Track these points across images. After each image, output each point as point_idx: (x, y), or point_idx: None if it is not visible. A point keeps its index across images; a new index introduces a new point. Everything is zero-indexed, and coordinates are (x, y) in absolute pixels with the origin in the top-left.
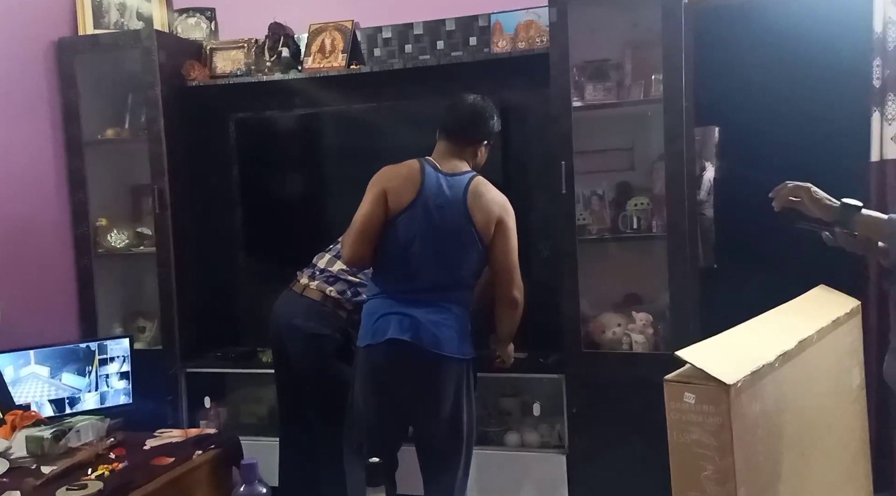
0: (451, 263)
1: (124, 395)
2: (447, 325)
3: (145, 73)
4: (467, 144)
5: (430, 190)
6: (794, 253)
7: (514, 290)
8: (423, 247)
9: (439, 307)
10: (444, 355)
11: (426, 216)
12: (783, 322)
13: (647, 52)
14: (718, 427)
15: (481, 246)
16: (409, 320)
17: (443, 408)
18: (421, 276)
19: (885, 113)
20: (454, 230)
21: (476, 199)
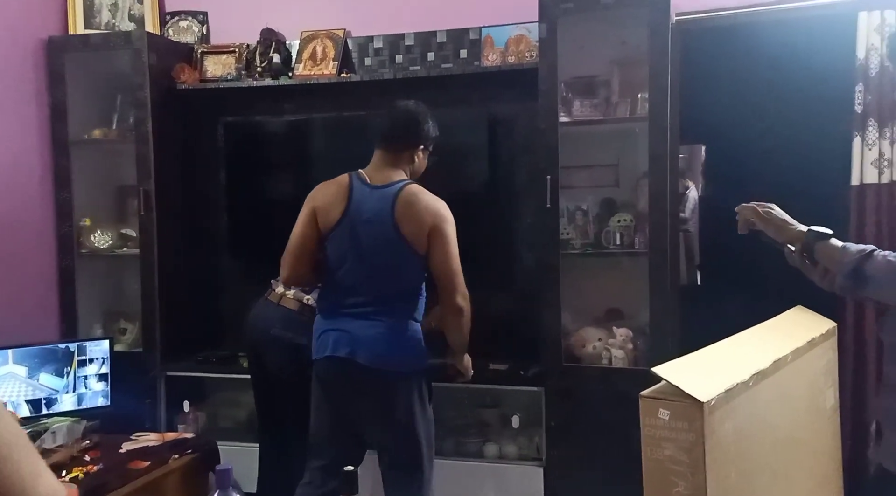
0: (386, 277)
1: (102, 397)
2: (386, 340)
3: (135, 75)
4: (401, 150)
5: (357, 205)
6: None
7: (456, 298)
8: (356, 263)
9: (378, 322)
10: (383, 370)
11: (354, 232)
12: (759, 341)
13: (635, 70)
14: (691, 444)
15: (417, 256)
16: (346, 336)
17: (393, 421)
18: (358, 292)
19: (865, 138)
20: (384, 244)
21: (405, 210)
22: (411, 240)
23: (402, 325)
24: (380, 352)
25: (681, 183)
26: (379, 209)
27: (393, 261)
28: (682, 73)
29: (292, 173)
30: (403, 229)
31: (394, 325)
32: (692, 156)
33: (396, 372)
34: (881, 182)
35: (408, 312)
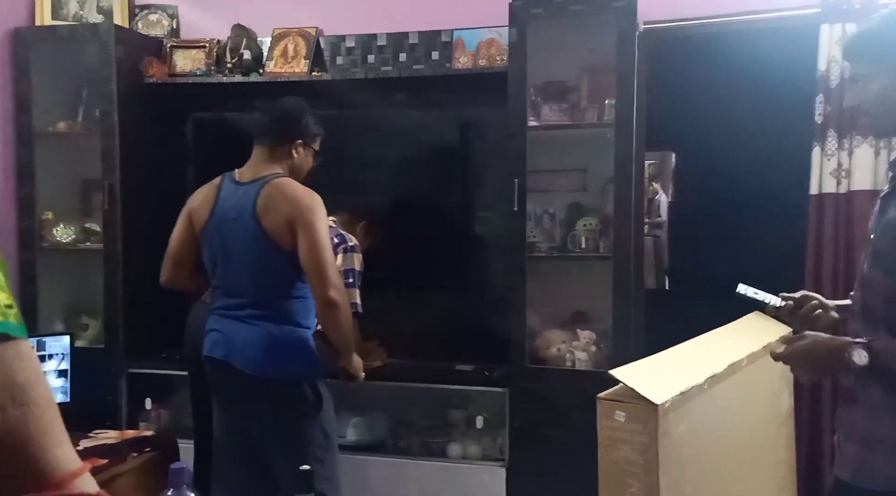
0: (255, 277)
1: (62, 394)
2: (262, 345)
3: (102, 68)
4: (277, 144)
5: (224, 203)
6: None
7: (328, 291)
8: (225, 264)
9: (254, 325)
10: (256, 376)
11: (221, 232)
12: (716, 345)
13: (603, 77)
14: (646, 445)
15: (284, 253)
16: (223, 338)
17: (272, 431)
18: (231, 293)
19: (825, 148)
20: (249, 241)
21: (266, 203)
22: (274, 235)
23: (280, 329)
24: (254, 357)
25: (650, 189)
26: (242, 205)
27: (259, 259)
28: (650, 81)
29: None
30: (265, 223)
31: (271, 329)
32: (662, 162)
33: (275, 379)
34: (839, 192)
35: (286, 315)
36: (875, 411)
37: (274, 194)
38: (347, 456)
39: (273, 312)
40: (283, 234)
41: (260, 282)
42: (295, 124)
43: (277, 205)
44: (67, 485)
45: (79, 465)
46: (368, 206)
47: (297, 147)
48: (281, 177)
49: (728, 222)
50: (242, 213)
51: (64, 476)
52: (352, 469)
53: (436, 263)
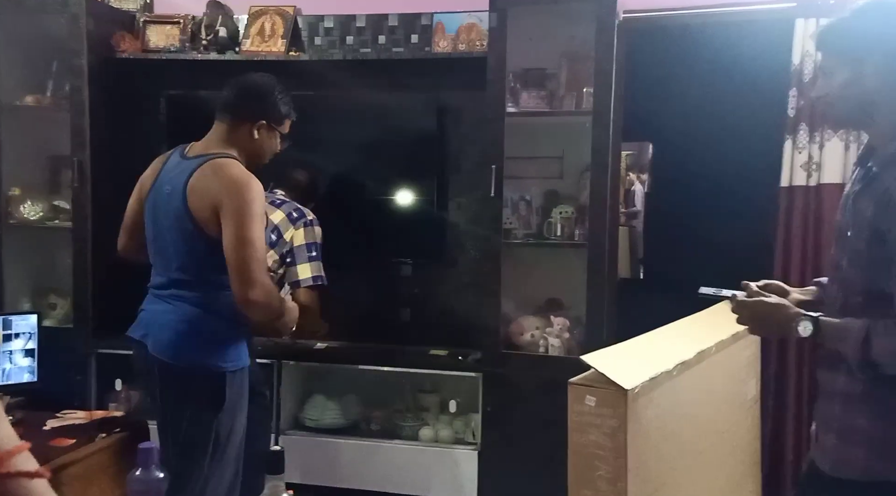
0: (179, 257)
1: (28, 373)
2: (171, 327)
3: (71, 40)
4: (237, 122)
5: (164, 176)
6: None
7: (246, 291)
8: (155, 238)
9: (173, 306)
10: (166, 362)
11: (155, 205)
12: (686, 333)
13: (582, 65)
14: (614, 429)
15: (208, 239)
16: (145, 317)
17: (172, 421)
18: (158, 271)
19: (796, 141)
20: (174, 220)
21: (196, 183)
22: (200, 220)
23: (199, 314)
24: (163, 340)
25: (627, 179)
26: (176, 182)
27: (184, 242)
28: (629, 71)
29: None
30: (191, 205)
31: (189, 313)
32: (640, 152)
33: (179, 367)
34: (809, 185)
35: (212, 303)
36: (852, 403)
37: (207, 175)
38: (320, 438)
39: (197, 296)
40: (209, 219)
41: (183, 264)
42: (260, 103)
43: (207, 187)
44: (5, 463)
45: (16, 444)
46: (314, 184)
47: (259, 127)
48: (225, 157)
49: (702, 213)
50: (174, 189)
51: (1, 454)
52: (324, 451)
53: (411, 248)
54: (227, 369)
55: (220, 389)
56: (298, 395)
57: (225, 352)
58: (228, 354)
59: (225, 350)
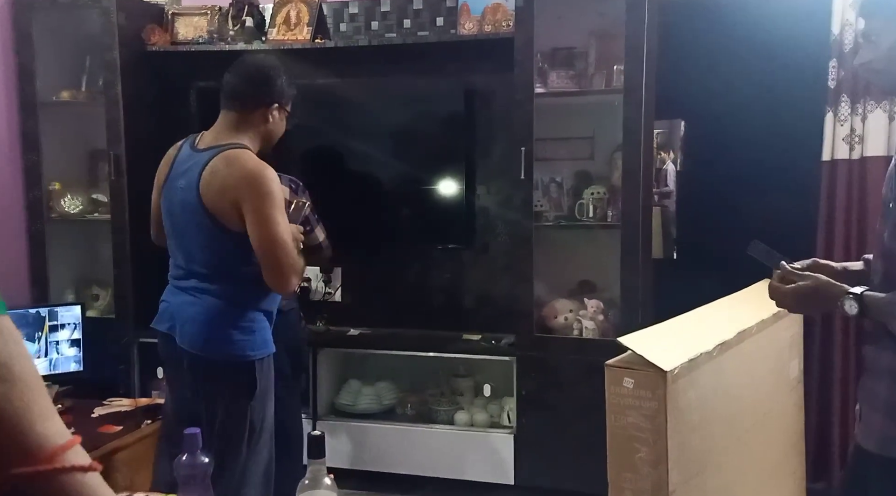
0: (199, 251)
1: (75, 363)
2: (198, 320)
3: (104, 35)
4: (246, 109)
5: (176, 170)
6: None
7: (284, 283)
8: (173, 232)
9: (197, 299)
10: (191, 352)
11: (171, 201)
12: (725, 313)
13: (612, 43)
14: (654, 411)
15: (228, 232)
16: (168, 310)
17: (208, 412)
18: (179, 263)
19: (837, 114)
20: (191, 216)
21: (210, 178)
22: (218, 213)
23: (225, 306)
24: (191, 333)
25: (659, 157)
26: (190, 176)
27: (203, 236)
28: (661, 47)
29: None
30: (206, 200)
31: (215, 305)
32: (671, 130)
33: (209, 358)
34: (852, 158)
35: (236, 295)
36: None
37: (219, 168)
38: (356, 423)
39: (220, 288)
40: (228, 214)
41: (205, 257)
42: (270, 87)
43: (223, 182)
44: (58, 458)
45: (68, 438)
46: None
47: (272, 111)
48: (236, 148)
49: (738, 191)
50: (189, 184)
51: (55, 449)
52: (360, 436)
53: (443, 233)
54: (255, 357)
55: (251, 378)
56: (334, 381)
57: (252, 340)
58: (256, 343)
59: (252, 339)
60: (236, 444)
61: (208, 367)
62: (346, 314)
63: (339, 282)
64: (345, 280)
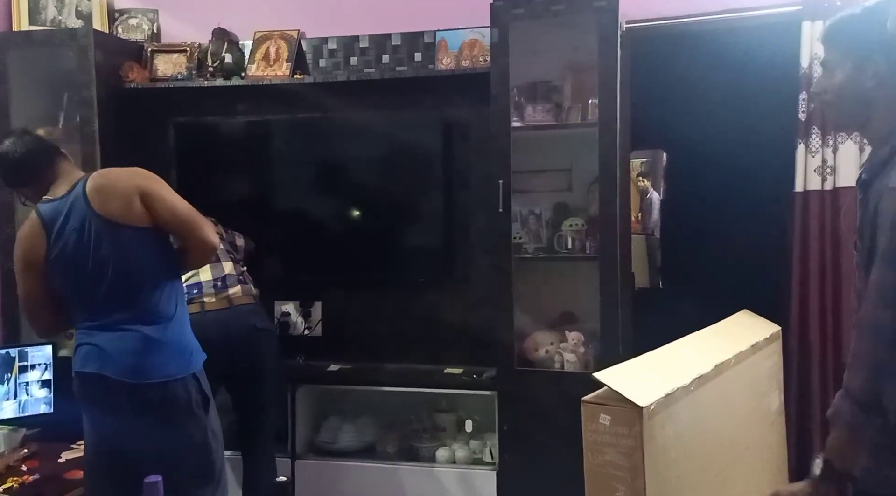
0: (117, 275)
1: (45, 404)
2: (135, 350)
3: (80, 73)
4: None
5: (55, 224)
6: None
7: (207, 234)
8: (83, 278)
9: (127, 331)
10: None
11: (66, 250)
12: (703, 345)
13: (587, 77)
14: (631, 449)
15: (144, 229)
16: (95, 350)
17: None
18: (97, 305)
19: (809, 145)
20: (103, 238)
21: (99, 194)
22: (124, 219)
23: (153, 329)
24: (132, 364)
25: (642, 188)
26: (76, 215)
27: (120, 252)
28: (636, 80)
29: (245, 175)
30: (109, 214)
31: (145, 330)
32: (654, 160)
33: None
34: (824, 189)
35: (154, 311)
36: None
37: (104, 183)
38: (336, 462)
39: (141, 312)
40: (133, 211)
41: (123, 280)
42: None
43: (114, 188)
44: None
45: None
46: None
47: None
48: (91, 173)
49: (719, 220)
50: (81, 217)
51: None
52: (341, 475)
53: (422, 266)
54: (197, 370)
55: (201, 390)
56: (314, 419)
57: (189, 349)
58: (190, 350)
59: (188, 349)
60: (212, 460)
61: (156, 393)
62: (325, 349)
63: (318, 317)
64: (324, 314)
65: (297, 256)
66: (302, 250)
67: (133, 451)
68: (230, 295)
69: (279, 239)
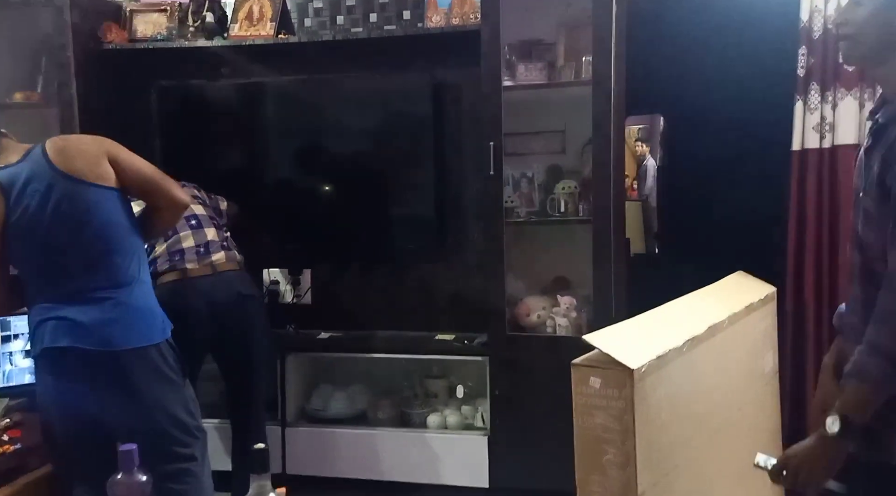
0: (84, 237)
1: (29, 374)
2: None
3: (56, 34)
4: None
5: (14, 188)
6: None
7: (175, 192)
8: (49, 244)
9: (99, 299)
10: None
11: (28, 215)
12: (696, 307)
13: (580, 34)
14: (621, 411)
15: (110, 192)
16: (65, 324)
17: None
18: (61, 273)
19: (807, 102)
20: (65, 197)
21: (62, 154)
22: (90, 175)
23: (125, 293)
24: (110, 332)
25: (640, 154)
26: (38, 172)
27: (87, 210)
28: (633, 40)
29: (230, 141)
30: (76, 170)
31: (118, 296)
32: (651, 125)
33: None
34: (822, 147)
35: (123, 276)
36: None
37: (66, 145)
38: (327, 429)
39: (112, 276)
40: (102, 170)
41: (90, 242)
42: None
43: (80, 149)
44: None
45: None
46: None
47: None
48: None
49: (716, 184)
50: (43, 177)
51: None
52: (332, 442)
53: (413, 231)
54: (168, 338)
55: (177, 357)
56: (304, 386)
57: (163, 317)
58: (165, 318)
59: (161, 315)
60: (191, 431)
61: (134, 359)
62: (316, 317)
63: (308, 285)
64: (314, 282)
65: (285, 224)
66: (289, 218)
67: (111, 422)
68: (213, 261)
69: (265, 206)
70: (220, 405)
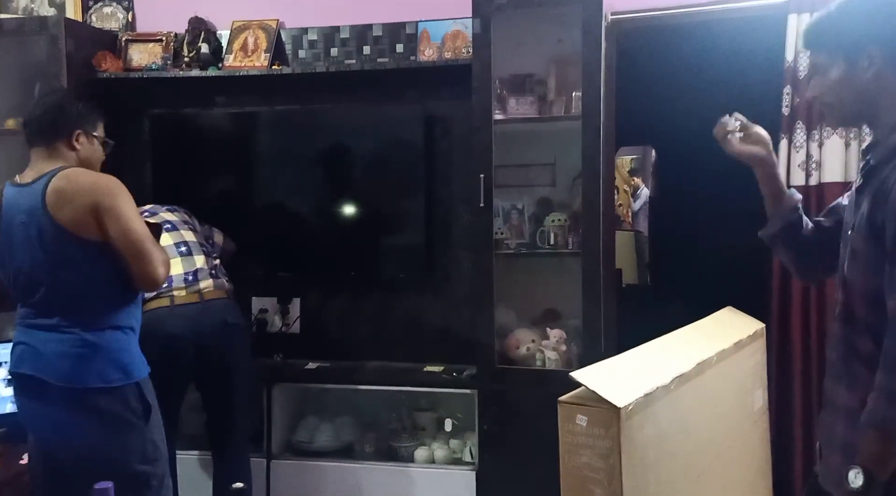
0: (59, 280)
1: (10, 403)
2: (73, 354)
3: (51, 63)
4: (52, 141)
5: (9, 210)
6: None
7: (152, 268)
8: (24, 272)
9: (65, 333)
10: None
11: (12, 239)
12: (684, 343)
13: (571, 69)
14: (608, 450)
15: (91, 243)
16: (30, 351)
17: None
18: (39, 303)
19: (793, 140)
20: (47, 242)
21: (59, 197)
22: (74, 228)
23: (95, 335)
24: (68, 367)
25: (633, 184)
26: (30, 206)
27: (61, 260)
28: (622, 74)
29: (222, 169)
30: (60, 218)
31: (85, 336)
32: (643, 157)
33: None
34: (809, 184)
35: (100, 319)
36: (855, 419)
37: (63, 186)
38: (313, 462)
39: (85, 318)
40: (86, 224)
41: (65, 285)
42: (64, 114)
43: (72, 196)
44: None
45: None
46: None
47: (77, 137)
48: (67, 168)
49: (705, 217)
50: (32, 213)
51: None
52: (318, 476)
53: (403, 263)
54: (140, 378)
55: (142, 399)
56: (291, 418)
57: (133, 361)
58: (134, 362)
59: (131, 360)
60: (141, 472)
61: (92, 399)
62: (303, 347)
63: (296, 314)
64: (303, 312)
65: (275, 252)
66: (279, 246)
67: (71, 457)
68: (201, 289)
69: (256, 234)
70: (202, 436)
